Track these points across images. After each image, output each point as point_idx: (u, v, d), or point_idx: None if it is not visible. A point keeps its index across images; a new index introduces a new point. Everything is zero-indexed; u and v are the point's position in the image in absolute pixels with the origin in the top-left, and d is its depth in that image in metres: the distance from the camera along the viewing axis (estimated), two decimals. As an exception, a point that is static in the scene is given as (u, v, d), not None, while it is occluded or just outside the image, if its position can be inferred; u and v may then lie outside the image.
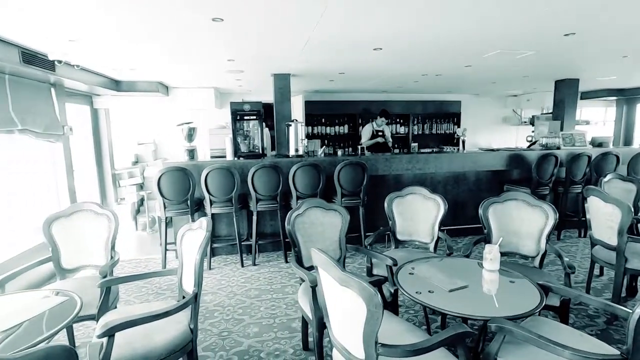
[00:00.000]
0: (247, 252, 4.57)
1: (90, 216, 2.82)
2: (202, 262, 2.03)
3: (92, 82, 4.54)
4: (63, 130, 4.49)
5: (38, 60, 3.36)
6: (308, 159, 4.64)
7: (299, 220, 2.63)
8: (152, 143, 6.99)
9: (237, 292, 3.66)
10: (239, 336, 2.86)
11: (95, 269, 2.84)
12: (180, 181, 4.04)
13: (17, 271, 2.43)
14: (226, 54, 3.72)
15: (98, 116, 5.81)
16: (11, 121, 3.60)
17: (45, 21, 2.53)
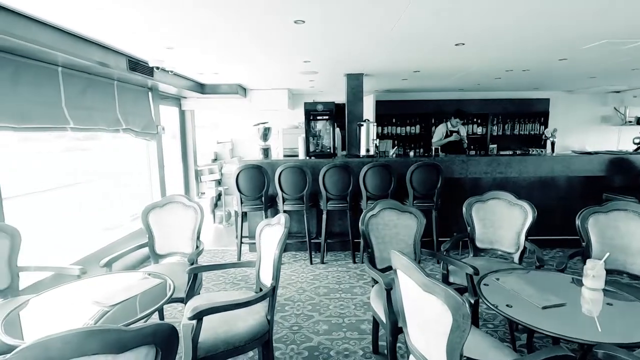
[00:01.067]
0: (316, 250, 4.65)
1: (180, 208, 3.09)
2: (281, 257, 2.10)
3: (181, 86, 4.98)
4: (157, 129, 4.99)
5: (140, 67, 3.78)
6: (379, 160, 4.57)
7: (373, 221, 2.59)
8: (230, 142, 7.46)
9: (306, 288, 3.73)
10: (308, 332, 2.91)
11: (182, 256, 3.11)
12: (256, 178, 4.25)
13: (122, 253, 2.75)
14: (303, 55, 3.82)
15: (185, 117, 6.37)
16: (117, 121, 4.11)
17: (148, 32, 2.83)
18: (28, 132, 2.93)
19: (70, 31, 2.76)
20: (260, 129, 4.92)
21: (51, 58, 2.99)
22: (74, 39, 2.84)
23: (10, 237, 2.45)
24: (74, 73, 3.43)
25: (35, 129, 2.97)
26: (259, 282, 2.42)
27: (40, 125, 3.00)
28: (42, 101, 3.07)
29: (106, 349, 1.04)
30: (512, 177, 4.69)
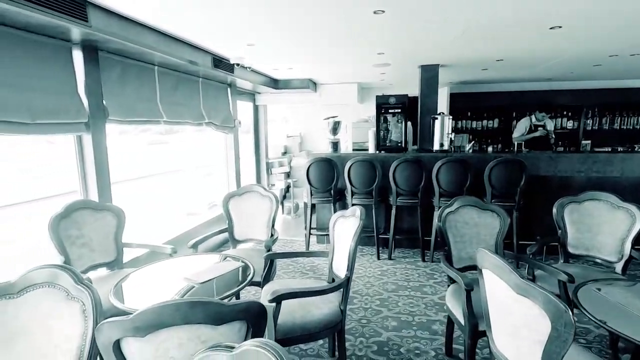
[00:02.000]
0: (383, 246, 4.59)
1: (257, 197, 3.25)
2: (356, 249, 2.11)
3: (257, 82, 5.21)
4: (234, 123, 5.31)
5: (223, 64, 4.04)
6: (454, 155, 4.34)
7: (450, 217, 2.47)
8: (299, 136, 7.66)
9: (374, 283, 3.71)
10: (377, 327, 2.89)
11: (257, 242, 3.28)
12: (326, 171, 4.31)
13: (206, 236, 2.99)
14: (378, 47, 3.76)
15: (258, 112, 6.68)
16: (201, 115, 4.44)
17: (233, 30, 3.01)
18: (131, 124, 3.31)
19: (167, 33, 3.04)
20: (330, 122, 4.97)
21: (150, 58, 3.33)
22: (170, 39, 3.12)
23: (117, 217, 2.80)
24: (166, 71, 3.78)
25: (136, 122, 3.34)
26: (332, 273, 2.46)
27: (141, 118, 3.37)
28: (142, 97, 3.43)
29: (208, 319, 1.14)
30: (611, 177, 4.14)
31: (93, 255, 2.64)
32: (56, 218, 2.45)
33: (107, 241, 2.74)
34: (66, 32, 2.40)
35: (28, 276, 1.34)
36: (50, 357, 1.32)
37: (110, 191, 3.03)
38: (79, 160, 2.88)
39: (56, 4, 2.04)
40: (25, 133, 2.32)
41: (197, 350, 1.17)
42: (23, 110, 2.28)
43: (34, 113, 2.35)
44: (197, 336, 1.15)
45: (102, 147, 2.94)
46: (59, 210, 2.49)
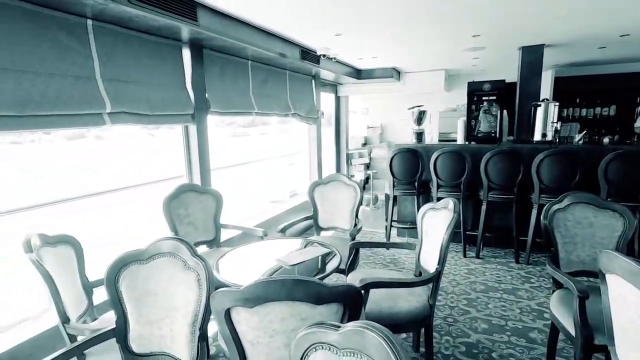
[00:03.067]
0: (469, 244, 4.31)
1: (341, 186, 3.29)
2: (449, 243, 2.00)
3: (340, 72, 5.23)
4: (317, 114, 5.43)
5: (310, 56, 4.13)
6: (559, 146, 3.85)
7: (559, 216, 2.20)
8: (379, 127, 7.54)
9: (460, 281, 3.50)
10: (465, 327, 2.73)
11: (340, 231, 3.33)
12: (410, 162, 4.17)
13: (294, 222, 3.13)
14: (473, 29, 3.48)
15: (340, 103, 6.73)
16: (288, 107, 4.62)
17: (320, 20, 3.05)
18: (228, 116, 3.58)
19: (261, 27, 3.21)
20: (415, 112, 4.78)
21: (244, 53, 3.55)
22: (263, 34, 3.29)
23: (216, 200, 3.07)
24: (258, 65, 4.01)
25: (232, 114, 3.60)
26: (419, 266, 2.38)
27: (237, 110, 3.63)
28: (238, 90, 3.69)
29: (308, 298, 1.18)
30: None
31: (197, 233, 2.94)
32: (168, 198, 2.78)
33: (208, 221, 3.03)
34: (178, 32, 2.68)
35: (155, 245, 1.54)
36: (171, 316, 1.51)
37: (210, 176, 3.34)
38: (185, 148, 3.22)
39: (173, 7, 2.28)
40: (145, 123, 2.66)
41: (298, 326, 1.23)
42: (144, 103, 2.62)
43: (153, 105, 2.68)
44: (298, 313, 1.21)
45: (204, 137, 3.24)
46: (170, 192, 2.83)
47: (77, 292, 1.85)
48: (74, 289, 1.82)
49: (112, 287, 1.53)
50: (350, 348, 0.88)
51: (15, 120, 1.89)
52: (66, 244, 1.86)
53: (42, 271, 1.57)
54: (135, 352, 1.56)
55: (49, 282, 1.58)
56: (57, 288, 1.62)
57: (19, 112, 1.88)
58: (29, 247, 1.64)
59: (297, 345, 0.99)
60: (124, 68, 2.50)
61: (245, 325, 1.25)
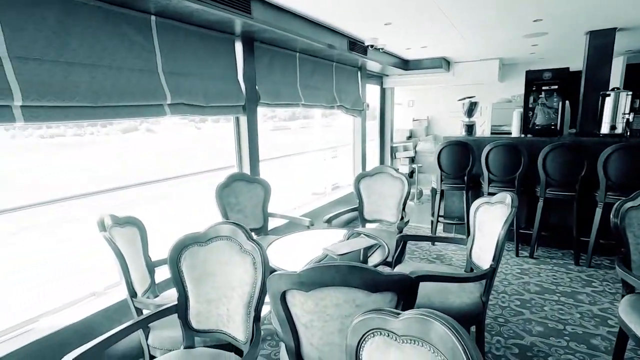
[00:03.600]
0: (522, 242, 4.08)
1: (388, 178, 3.25)
2: (505, 239, 1.91)
3: (387, 63, 5.13)
4: (363, 106, 5.37)
5: (357, 46, 4.09)
6: (631, 140, 3.51)
7: (632, 214, 2.02)
8: (426, 119, 7.32)
9: (512, 281, 3.34)
10: (518, 328, 2.60)
11: (386, 224, 3.29)
12: (460, 155, 4.02)
13: (339, 212, 3.15)
14: (534, 13, 3.25)
15: (385, 95, 6.61)
16: (334, 99, 4.62)
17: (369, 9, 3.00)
18: (277, 107, 3.65)
19: (311, 18, 3.22)
20: (466, 103, 4.58)
21: (293, 45, 3.59)
22: (313, 25, 3.30)
23: (264, 189, 3.16)
24: (305, 57, 4.03)
25: (281, 105, 3.67)
26: (470, 262, 2.30)
27: (285, 102, 3.69)
28: (286, 82, 3.75)
29: (363, 285, 1.19)
30: None
31: (246, 221, 3.05)
32: (220, 187, 2.91)
33: (257, 210, 3.13)
34: (232, 25, 2.76)
35: (214, 229, 1.62)
36: (228, 296, 1.58)
37: (258, 166, 3.44)
38: (236, 138, 3.33)
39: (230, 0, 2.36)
40: (201, 114, 2.79)
41: (352, 313, 1.24)
42: (201, 94, 2.74)
43: (208, 97, 2.80)
44: (352, 299, 1.22)
45: (254, 127, 3.34)
46: (222, 181, 2.95)
47: (142, 270, 1.99)
48: (139, 267, 1.96)
49: (174, 266, 1.63)
50: (412, 336, 0.88)
51: (89, 110, 2.06)
52: (132, 225, 2.01)
53: (114, 248, 1.71)
54: (195, 328, 1.66)
55: (120, 259, 1.72)
56: (127, 264, 1.76)
57: (93, 102, 2.05)
58: (102, 226, 1.80)
59: (354, 330, 1.00)
60: (182, 62, 2.62)
61: (300, 309, 1.28)
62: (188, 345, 1.67)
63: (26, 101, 1.76)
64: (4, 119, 1.72)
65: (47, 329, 1.99)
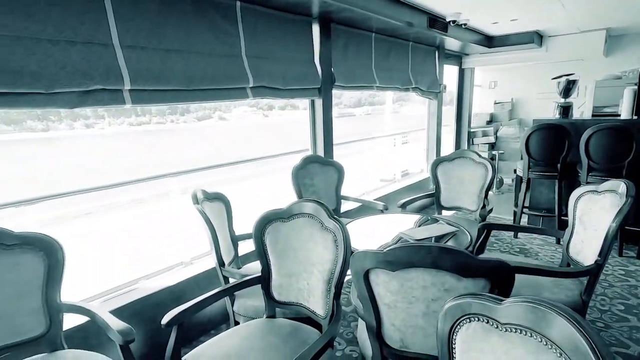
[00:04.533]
0: (628, 241, 3.56)
1: (469, 163, 3.04)
2: (616, 232, 1.67)
3: (469, 40, 4.75)
4: (440, 88, 5.08)
5: (438, 23, 3.84)
6: None
7: None
8: (509, 102, 6.69)
9: (614, 283, 2.94)
10: (622, 336, 2.29)
11: (464, 212, 3.10)
12: (553, 140, 3.60)
13: (415, 198, 3.04)
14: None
15: (464, 76, 6.16)
16: (409, 80, 4.43)
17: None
18: (351, 90, 3.61)
19: (389, -4, 3.10)
20: (562, 82, 4.06)
21: (368, 25, 3.49)
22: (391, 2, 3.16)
23: (338, 172, 3.17)
24: (381, 38, 3.90)
25: (355, 88, 3.62)
26: (567, 256, 2.06)
27: (359, 84, 3.63)
28: (361, 64, 3.67)
29: (455, 269, 1.12)
30: None
31: (319, 202, 3.10)
32: (296, 168, 2.98)
33: (330, 192, 3.16)
34: (309, 6, 2.76)
35: (296, 206, 1.66)
36: (308, 271, 1.62)
37: (332, 149, 3.45)
38: (311, 121, 3.37)
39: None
40: (279, 97, 2.86)
41: (439, 297, 1.19)
42: (280, 77, 2.81)
43: (286, 80, 2.86)
44: (441, 282, 1.16)
45: (329, 110, 3.35)
46: (298, 163, 3.02)
47: (227, 243, 2.14)
48: (225, 239, 2.10)
49: (258, 240, 1.72)
50: (519, 325, 0.80)
51: (183, 93, 2.23)
52: (220, 200, 2.15)
53: (207, 220, 1.85)
54: (276, 300, 1.74)
55: (211, 230, 1.86)
56: (217, 235, 1.89)
57: (187, 86, 2.22)
58: (195, 200, 1.96)
59: (447, 313, 0.95)
60: (263, 46, 2.70)
61: (384, 288, 1.26)
62: (270, 315, 1.75)
63: (134, 85, 1.96)
64: (116, 101, 1.94)
65: (147, 289, 2.25)
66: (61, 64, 1.71)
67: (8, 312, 1.47)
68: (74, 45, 1.75)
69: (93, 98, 1.84)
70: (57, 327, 1.58)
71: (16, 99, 1.61)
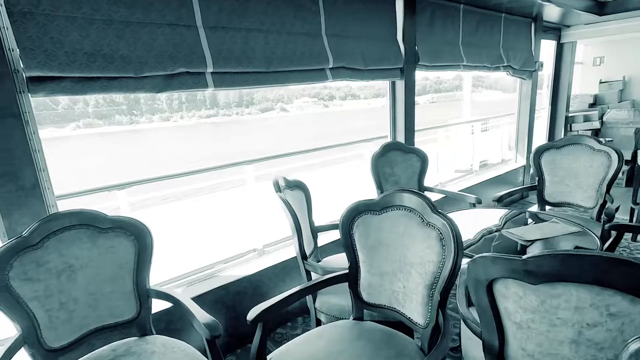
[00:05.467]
0: None
1: (584, 151, 2.55)
2: None
3: (575, 7, 4.03)
4: (535, 66, 4.44)
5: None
6: None
7: None
8: (620, 81, 5.68)
9: None
10: None
11: (574, 209, 2.63)
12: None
13: (512, 191, 2.66)
14: None
15: (562, 52, 5.34)
16: (499, 58, 3.91)
17: None
18: (435, 70, 3.26)
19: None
20: None
21: (457, -4, 3.10)
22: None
23: (421, 160, 2.89)
24: (470, 10, 3.46)
25: (439, 67, 3.26)
26: None
27: (445, 63, 3.26)
28: (446, 41, 3.29)
29: (629, 288, 0.83)
30: None
31: (400, 193, 2.85)
32: (376, 156, 2.76)
33: (412, 182, 2.89)
34: (395, -23, 2.48)
35: (390, 197, 1.45)
36: (404, 271, 1.41)
37: (414, 136, 3.16)
38: (391, 105, 3.11)
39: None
40: (359, 78, 2.65)
41: (599, 322, 0.90)
42: (359, 57, 2.59)
43: (367, 60, 2.63)
44: (605, 304, 0.87)
45: (411, 92, 3.05)
46: (377, 150, 2.79)
47: (308, 233, 2.01)
48: (306, 230, 1.97)
49: (346, 232, 1.54)
50: None
51: (263, 76, 2.13)
52: (300, 189, 2.02)
53: (289, 208, 1.73)
54: (365, 301, 1.56)
55: (294, 219, 1.73)
56: (300, 224, 1.77)
57: (266, 68, 2.10)
58: (278, 187, 1.85)
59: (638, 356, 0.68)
60: (343, 23, 2.50)
61: (514, 304, 1.00)
62: (357, 317, 1.58)
63: (216, 67, 1.90)
64: (199, 84, 1.89)
65: (227, 278, 2.23)
66: (149, 47, 1.69)
67: (106, 294, 1.49)
68: (159, 27, 1.72)
69: (177, 81, 1.81)
70: (147, 311, 1.58)
71: (109, 84, 1.62)
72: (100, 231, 1.47)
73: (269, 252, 2.57)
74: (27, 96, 1.47)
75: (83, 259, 1.43)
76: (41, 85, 1.46)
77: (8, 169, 1.43)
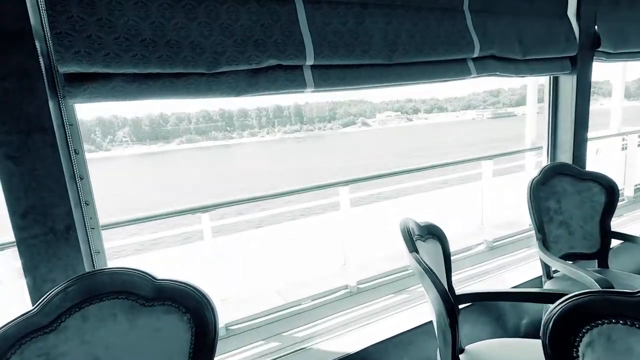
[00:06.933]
0: None
1: None
2: None
3: None
4: None
5: None
6: None
7: None
8: None
9: None
10: None
11: None
12: None
13: None
14: None
15: None
16: None
17: None
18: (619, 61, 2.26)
19: None
20: None
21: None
22: None
23: (604, 191, 1.91)
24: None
25: (627, 56, 2.24)
26: None
27: (633, 50, 2.24)
28: (635, 17, 2.27)
29: None
30: None
31: (570, 240, 1.92)
32: (536, 183, 1.88)
33: (589, 224, 1.93)
34: None
35: None
36: None
37: (585, 153, 2.18)
38: (551, 110, 2.19)
39: None
40: (512, 73, 1.84)
41: None
42: (515, 43, 1.79)
43: (525, 46, 1.82)
44: None
45: (585, 91, 2.11)
46: (537, 175, 1.92)
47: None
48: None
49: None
50: None
51: (381, 70, 1.49)
52: (434, 238, 1.31)
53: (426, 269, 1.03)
54: None
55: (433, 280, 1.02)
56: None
57: (387, 59, 1.46)
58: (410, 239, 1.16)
59: None
60: (491, -7, 1.74)
61: None
62: None
63: (317, 59, 1.32)
64: (294, 83, 1.32)
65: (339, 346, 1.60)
66: (228, 31, 1.18)
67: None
68: (245, 5, 1.21)
69: (264, 79, 1.27)
70: None
71: (172, 85, 1.14)
72: (143, 304, 0.96)
73: (364, 290, 1.92)
74: (65, 102, 1.06)
75: (115, 348, 0.93)
76: (82, 87, 1.03)
77: (35, 202, 1.02)
